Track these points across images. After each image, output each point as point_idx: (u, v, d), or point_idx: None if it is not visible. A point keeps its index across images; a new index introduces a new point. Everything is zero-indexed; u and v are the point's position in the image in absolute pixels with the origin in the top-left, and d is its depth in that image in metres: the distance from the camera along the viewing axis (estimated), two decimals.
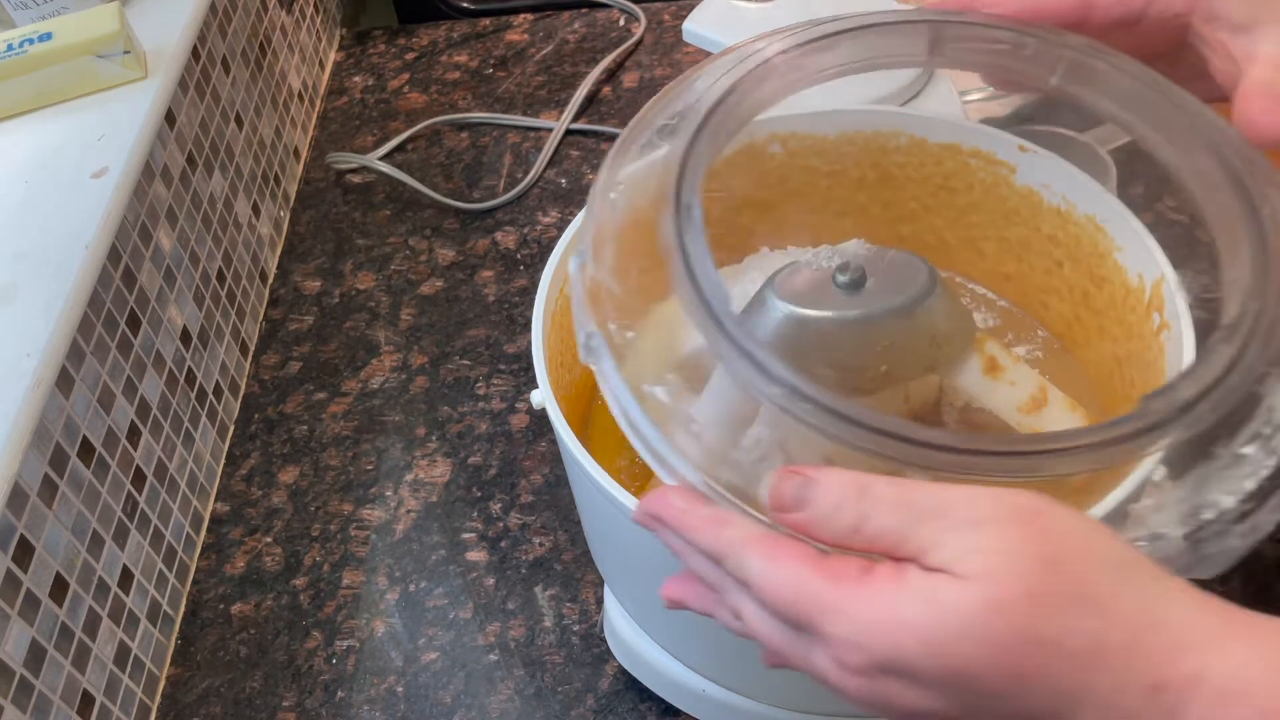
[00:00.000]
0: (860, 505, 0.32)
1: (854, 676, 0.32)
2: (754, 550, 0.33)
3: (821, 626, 0.32)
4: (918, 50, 0.46)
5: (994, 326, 0.55)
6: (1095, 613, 0.30)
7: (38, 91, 0.67)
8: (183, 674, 0.63)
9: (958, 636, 0.30)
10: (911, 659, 0.30)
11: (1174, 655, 0.29)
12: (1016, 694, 0.30)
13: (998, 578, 0.30)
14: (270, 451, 0.73)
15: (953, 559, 0.30)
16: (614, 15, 1.03)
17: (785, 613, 0.33)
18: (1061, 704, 0.30)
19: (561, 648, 0.62)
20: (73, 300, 0.56)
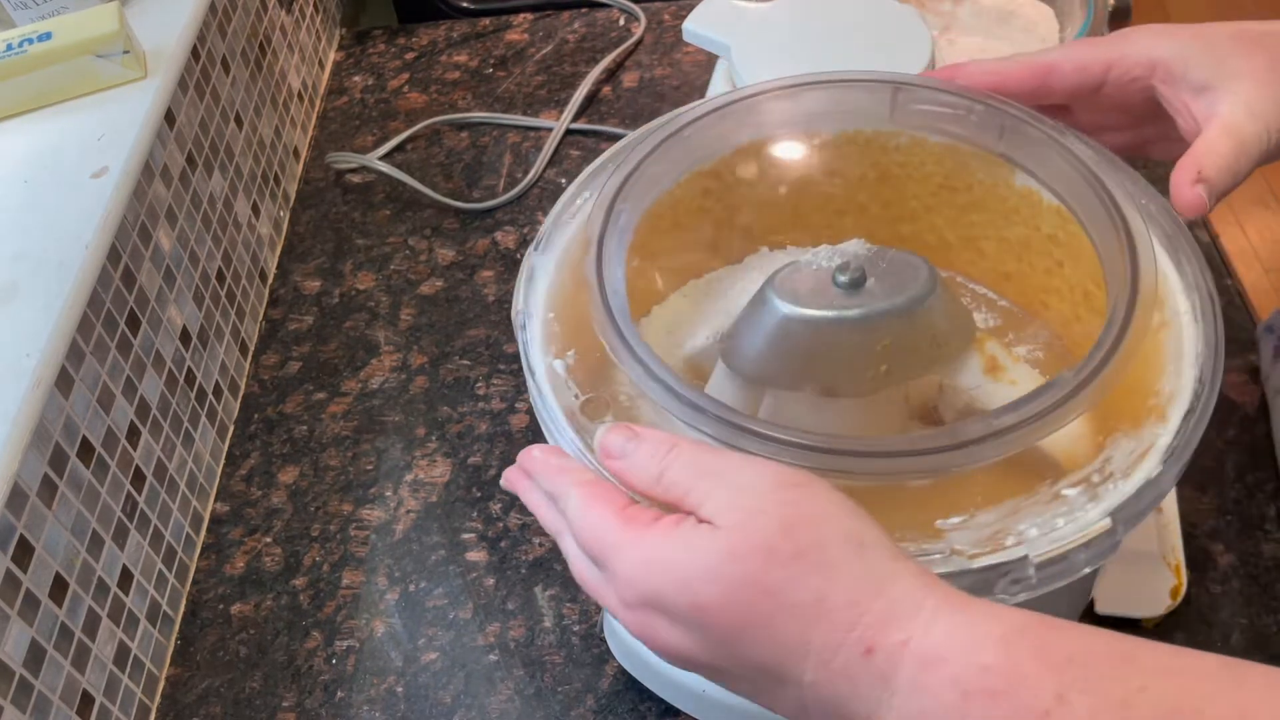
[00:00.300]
0: (665, 459, 0.37)
1: (627, 610, 0.36)
2: (576, 492, 0.38)
3: (609, 563, 0.36)
4: (882, 110, 0.51)
5: (994, 326, 0.55)
6: (820, 572, 0.33)
7: (38, 91, 0.67)
8: (182, 674, 0.63)
9: (702, 577, 0.34)
10: (667, 596, 0.34)
11: (887, 623, 0.32)
12: (747, 640, 0.34)
13: (744, 531, 0.34)
14: (270, 451, 0.73)
15: (716, 512, 0.35)
16: (614, 15, 1.03)
17: (588, 549, 0.37)
18: (785, 656, 0.33)
19: (561, 648, 0.62)
20: (72, 300, 0.56)
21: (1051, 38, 0.85)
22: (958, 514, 0.39)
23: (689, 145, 0.51)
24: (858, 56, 0.63)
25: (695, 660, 0.35)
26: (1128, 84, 0.48)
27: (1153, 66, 0.47)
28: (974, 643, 0.31)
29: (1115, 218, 0.45)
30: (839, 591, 0.33)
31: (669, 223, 0.53)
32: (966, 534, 0.38)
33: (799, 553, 0.33)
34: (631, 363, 0.41)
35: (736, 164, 0.53)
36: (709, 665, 0.35)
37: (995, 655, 0.31)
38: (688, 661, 0.36)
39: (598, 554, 0.37)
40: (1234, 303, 0.72)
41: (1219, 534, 0.61)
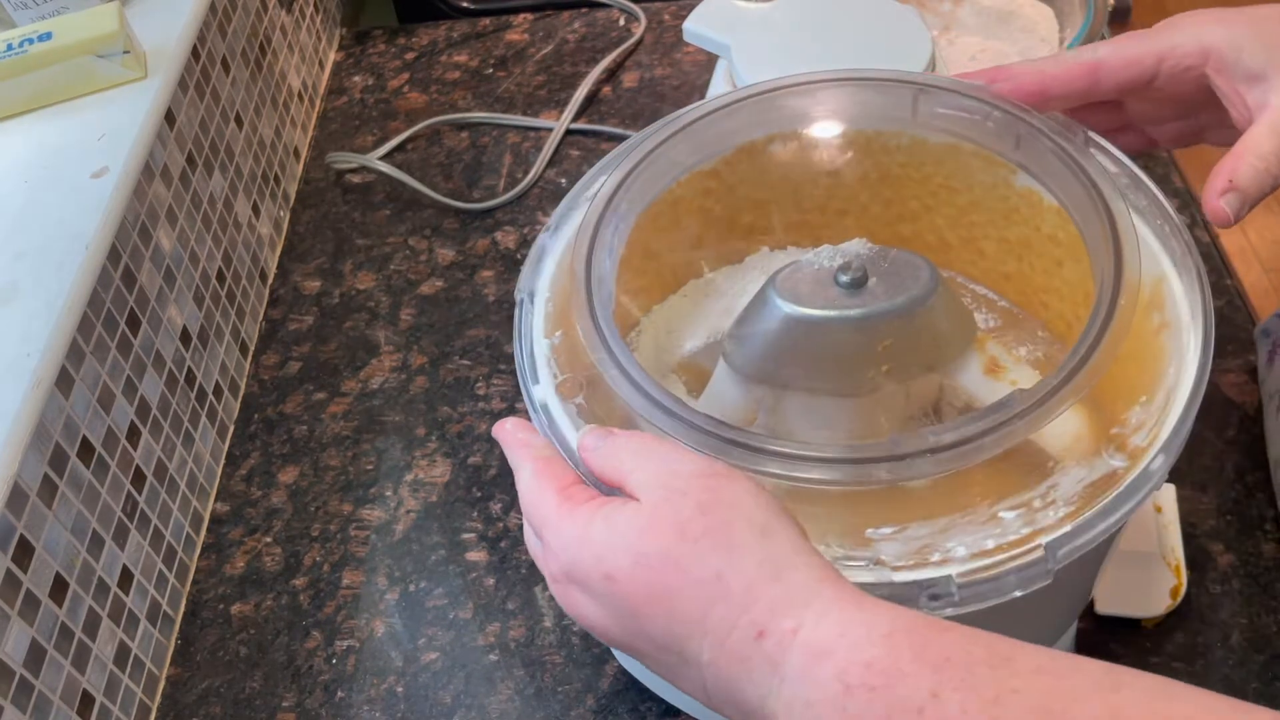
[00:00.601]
0: (620, 442, 0.39)
1: (554, 583, 0.38)
2: (529, 466, 0.40)
3: (543, 535, 0.38)
4: (904, 111, 0.51)
5: (994, 326, 0.55)
6: (722, 552, 0.34)
7: (38, 91, 0.67)
8: (183, 674, 0.63)
9: (616, 548, 0.36)
10: (584, 567, 0.36)
11: (781, 609, 0.33)
12: (651, 613, 0.35)
13: (661, 508, 0.36)
14: (270, 451, 0.73)
15: (641, 488, 0.37)
16: (614, 15, 1.03)
17: (530, 521, 0.40)
18: (684, 632, 0.34)
19: (561, 648, 0.62)
20: (72, 300, 0.56)
21: (1051, 38, 0.86)
22: (890, 525, 0.39)
23: (702, 139, 0.51)
24: (858, 56, 0.63)
25: (609, 635, 0.37)
26: (1180, 74, 0.47)
27: (1205, 55, 0.46)
28: (861, 639, 0.32)
29: (1103, 212, 0.45)
30: (737, 573, 0.34)
31: (669, 222, 0.53)
32: (895, 545, 0.39)
33: (707, 531, 0.35)
34: (597, 346, 0.43)
35: (737, 164, 0.54)
36: (622, 641, 0.37)
37: (878, 651, 0.32)
38: (603, 635, 0.37)
39: (537, 527, 0.39)
40: (1234, 303, 0.72)
41: (1219, 534, 0.61)
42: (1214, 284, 0.73)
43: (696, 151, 0.52)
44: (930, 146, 0.52)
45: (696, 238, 0.56)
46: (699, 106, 0.52)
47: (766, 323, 0.44)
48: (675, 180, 0.52)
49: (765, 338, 0.45)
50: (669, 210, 0.53)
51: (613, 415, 0.43)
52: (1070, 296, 0.52)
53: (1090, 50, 0.48)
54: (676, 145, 0.50)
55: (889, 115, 0.52)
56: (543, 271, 0.48)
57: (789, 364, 0.45)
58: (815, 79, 0.51)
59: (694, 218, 0.54)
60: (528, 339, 0.46)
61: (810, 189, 0.55)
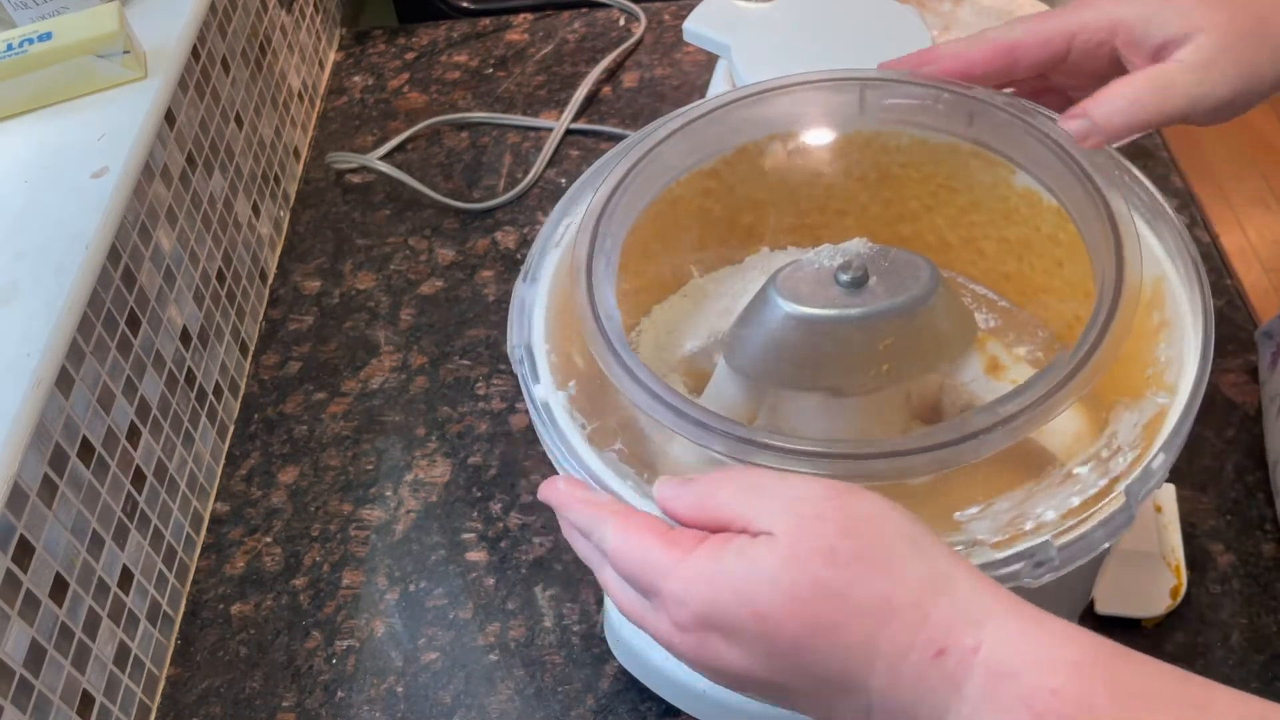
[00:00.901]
0: (708, 484, 0.37)
1: (681, 633, 0.35)
2: (612, 524, 0.37)
3: (658, 586, 0.35)
4: (851, 108, 0.51)
5: (994, 326, 0.55)
6: (883, 572, 0.32)
7: (38, 91, 0.67)
8: (183, 674, 0.63)
9: (763, 582, 0.33)
10: (725, 608, 0.34)
11: (956, 625, 0.32)
12: (812, 647, 0.33)
13: (801, 535, 0.33)
14: (270, 451, 0.73)
15: (770, 522, 0.34)
16: (614, 15, 1.03)
17: (632, 577, 0.36)
18: (853, 661, 0.32)
19: (561, 648, 0.62)
20: (72, 300, 0.56)
21: None
22: (974, 504, 0.39)
23: (664, 163, 0.50)
24: (858, 56, 0.63)
25: (754, 678, 0.34)
26: (1093, 49, 0.48)
27: (1114, 29, 0.47)
28: (1047, 663, 0.31)
29: (1090, 188, 0.45)
30: (904, 592, 0.32)
31: (669, 222, 0.53)
32: (985, 523, 0.39)
33: (859, 554, 0.33)
34: (634, 387, 0.41)
35: (737, 163, 0.53)
36: (769, 682, 0.34)
37: (1067, 680, 0.30)
38: (746, 681, 0.35)
39: (644, 581, 0.36)
40: (1234, 303, 0.72)
41: (1219, 534, 0.61)
42: (1214, 284, 0.73)
43: (654, 182, 0.51)
44: (930, 146, 0.52)
45: (696, 238, 0.55)
46: (647, 133, 0.51)
47: (767, 322, 0.44)
48: (651, 201, 0.51)
49: (765, 337, 0.45)
50: (668, 210, 0.53)
51: (662, 458, 0.42)
52: (1070, 296, 0.52)
53: (1007, 30, 0.49)
54: (635, 177, 0.49)
55: (839, 114, 0.52)
56: (530, 322, 0.47)
57: (789, 364, 0.45)
58: (763, 88, 0.51)
59: (693, 218, 0.54)
60: (541, 394, 0.44)
61: (809, 189, 0.55)
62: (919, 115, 0.51)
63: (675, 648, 0.36)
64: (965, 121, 0.50)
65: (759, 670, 0.34)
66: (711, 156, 0.52)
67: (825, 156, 0.54)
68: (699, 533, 0.36)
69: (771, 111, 0.52)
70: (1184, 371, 0.42)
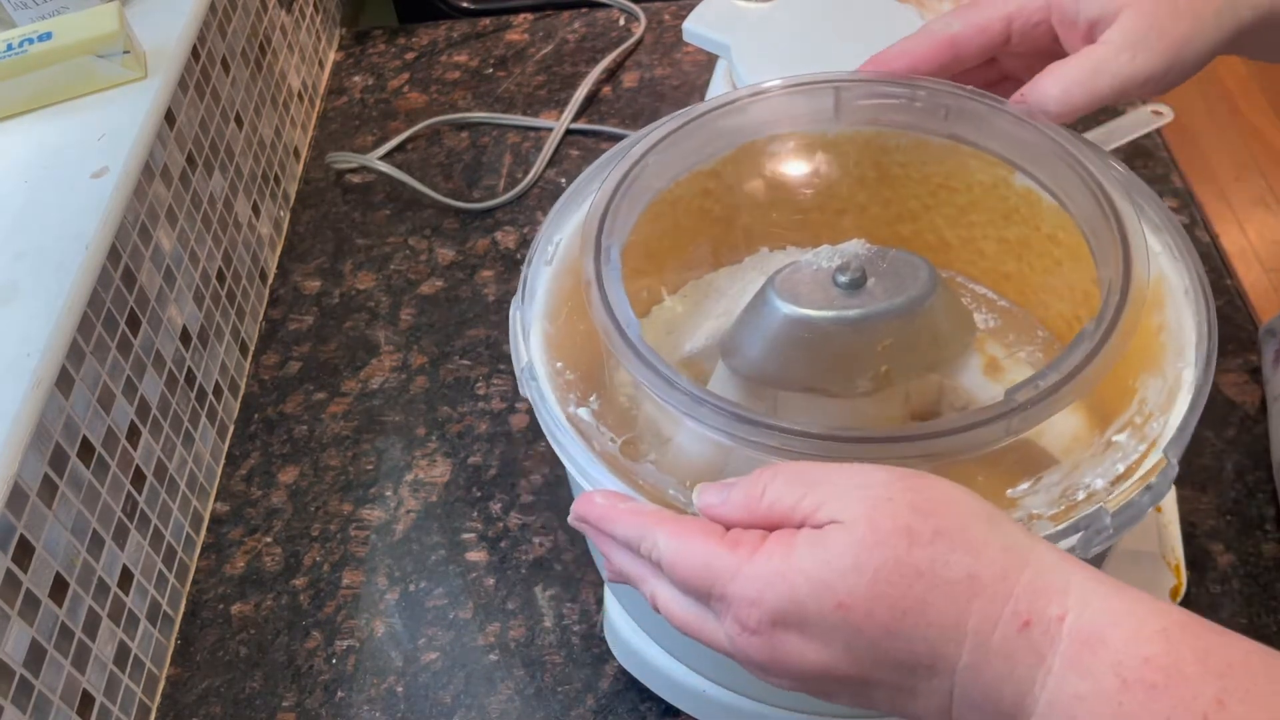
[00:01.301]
0: (759, 482, 0.35)
1: (751, 636, 0.34)
2: (664, 530, 0.36)
3: (724, 590, 0.34)
4: (825, 112, 0.52)
5: (994, 327, 0.55)
6: (966, 549, 0.32)
7: (38, 91, 0.67)
8: (182, 674, 0.63)
9: (843, 570, 0.32)
10: (803, 601, 0.32)
11: (1041, 595, 0.31)
12: (899, 630, 0.32)
13: (877, 518, 0.32)
14: (270, 451, 0.73)
15: (838, 510, 0.33)
16: (614, 15, 1.03)
17: (691, 584, 0.35)
18: (941, 640, 0.31)
19: (561, 648, 0.62)
20: (73, 300, 0.56)
21: None
22: (1024, 480, 0.40)
23: (648, 176, 0.50)
24: (857, 56, 0.63)
25: (834, 674, 0.33)
26: (1031, 30, 0.48)
27: (1049, 8, 0.48)
28: (1136, 631, 0.30)
29: (1079, 169, 0.46)
30: (987, 566, 0.31)
31: (669, 223, 0.53)
32: (1038, 497, 0.39)
33: (939, 531, 0.32)
34: (678, 396, 0.40)
35: (737, 163, 0.53)
36: (848, 677, 0.33)
37: (1157, 648, 0.30)
38: (824, 678, 0.33)
39: (705, 586, 0.34)
40: (1234, 303, 0.72)
41: (1219, 534, 0.61)
42: (1214, 284, 0.73)
43: (644, 194, 0.51)
44: (930, 146, 0.52)
45: (695, 238, 0.56)
46: (625, 148, 0.51)
47: (765, 323, 0.44)
48: (640, 214, 0.50)
49: (764, 338, 0.45)
50: (668, 211, 0.53)
51: (697, 463, 0.41)
52: (1070, 296, 0.52)
53: (945, 23, 0.49)
54: (625, 191, 0.49)
55: (814, 117, 0.52)
56: (533, 342, 0.46)
57: (788, 364, 0.45)
58: (739, 96, 0.52)
59: (693, 218, 0.54)
60: (560, 413, 0.43)
61: (809, 189, 0.55)
62: (895, 115, 0.51)
63: (743, 652, 0.34)
64: (941, 116, 0.50)
65: (840, 664, 0.33)
66: (691, 168, 0.52)
67: (824, 157, 0.54)
68: (759, 531, 0.35)
69: (750, 118, 0.52)
70: (1186, 371, 0.42)
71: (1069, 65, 0.46)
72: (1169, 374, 0.42)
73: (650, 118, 0.92)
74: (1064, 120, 0.47)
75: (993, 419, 0.38)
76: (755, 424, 0.39)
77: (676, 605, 0.36)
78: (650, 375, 0.41)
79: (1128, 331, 0.41)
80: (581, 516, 0.39)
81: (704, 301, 0.55)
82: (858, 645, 0.32)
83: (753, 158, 0.54)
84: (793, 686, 0.34)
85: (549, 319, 0.47)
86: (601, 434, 0.42)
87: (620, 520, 0.38)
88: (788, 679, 0.34)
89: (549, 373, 0.45)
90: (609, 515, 0.38)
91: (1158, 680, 0.29)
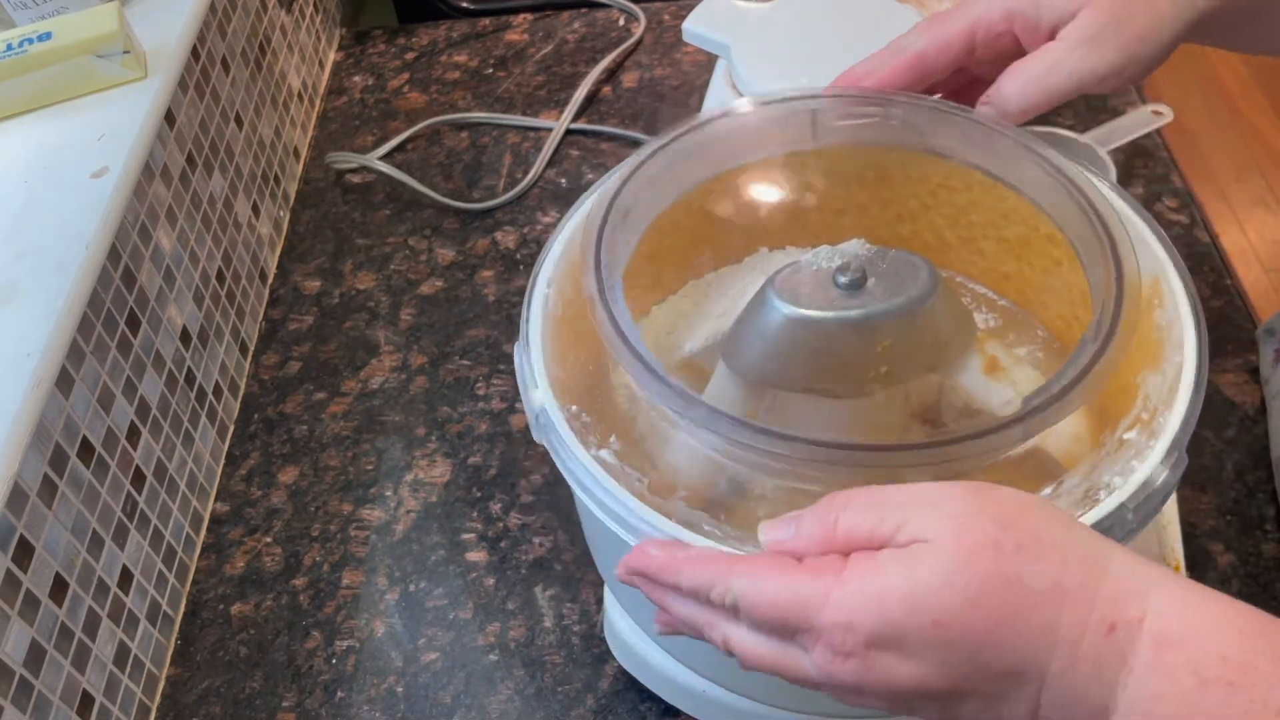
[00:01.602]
0: (831, 509, 0.35)
1: (846, 661, 0.33)
2: (737, 572, 0.35)
3: (812, 620, 0.33)
4: (804, 136, 0.52)
5: (994, 326, 0.55)
6: (1051, 557, 0.32)
7: (38, 91, 0.67)
8: (182, 674, 0.63)
9: (937, 586, 0.32)
10: (898, 620, 0.32)
11: (1122, 598, 0.32)
12: (995, 641, 0.32)
13: (962, 535, 0.33)
14: (270, 451, 0.73)
15: (921, 529, 0.33)
16: (614, 15, 1.03)
17: (773, 620, 0.34)
18: (1034, 649, 0.32)
19: (561, 648, 0.62)
20: (73, 300, 0.56)
21: None
22: (1046, 486, 0.40)
23: (633, 219, 0.50)
24: (857, 57, 0.63)
25: (928, 689, 0.33)
26: (994, 41, 0.49)
27: (1010, 18, 0.49)
28: (1211, 631, 0.31)
29: (1054, 173, 0.47)
30: (1071, 574, 0.32)
31: (669, 223, 0.53)
32: (1061, 501, 0.39)
33: (1022, 544, 0.33)
34: (724, 428, 0.39)
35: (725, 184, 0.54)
36: (942, 691, 0.33)
37: (1234, 647, 0.30)
38: (919, 694, 0.33)
39: (791, 618, 0.34)
40: (1234, 303, 0.72)
41: (1219, 534, 0.61)
42: (1214, 284, 0.73)
43: (633, 231, 0.50)
44: (913, 157, 0.52)
45: (695, 239, 0.56)
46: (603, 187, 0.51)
47: (765, 324, 0.44)
48: (631, 253, 0.50)
49: (764, 339, 0.45)
50: (668, 212, 0.53)
51: (731, 495, 0.41)
52: (1069, 296, 0.52)
53: (913, 39, 0.50)
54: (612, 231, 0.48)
55: (793, 141, 0.53)
56: (542, 387, 0.45)
57: (788, 365, 0.45)
58: (716, 115, 0.52)
59: (693, 219, 0.54)
60: (585, 456, 0.42)
61: (809, 189, 0.55)
62: (870, 132, 0.52)
63: (835, 678, 0.34)
64: (918, 133, 0.51)
65: (934, 680, 0.33)
66: (677, 196, 0.52)
67: (824, 158, 0.54)
68: (837, 557, 0.34)
69: (728, 148, 0.53)
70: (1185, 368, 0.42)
71: (1026, 64, 0.47)
72: (1168, 369, 0.42)
73: (650, 118, 0.92)
74: (1025, 118, 0.48)
75: (1007, 424, 0.38)
76: (791, 440, 0.38)
77: (753, 645, 0.36)
78: (691, 410, 0.40)
79: (1129, 329, 0.41)
80: (639, 570, 0.38)
81: (704, 302, 0.55)
82: (952, 660, 0.32)
83: (743, 175, 0.54)
84: (884, 706, 0.34)
85: (557, 363, 0.45)
86: (627, 474, 0.41)
87: (685, 569, 0.37)
88: (879, 700, 0.34)
89: (566, 416, 0.43)
90: (671, 566, 0.37)
91: (1235, 679, 0.30)
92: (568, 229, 0.50)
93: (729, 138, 0.52)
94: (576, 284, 0.46)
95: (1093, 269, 0.44)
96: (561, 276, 0.48)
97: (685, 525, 0.39)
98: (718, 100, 0.66)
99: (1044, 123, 0.86)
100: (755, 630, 0.35)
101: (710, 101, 0.67)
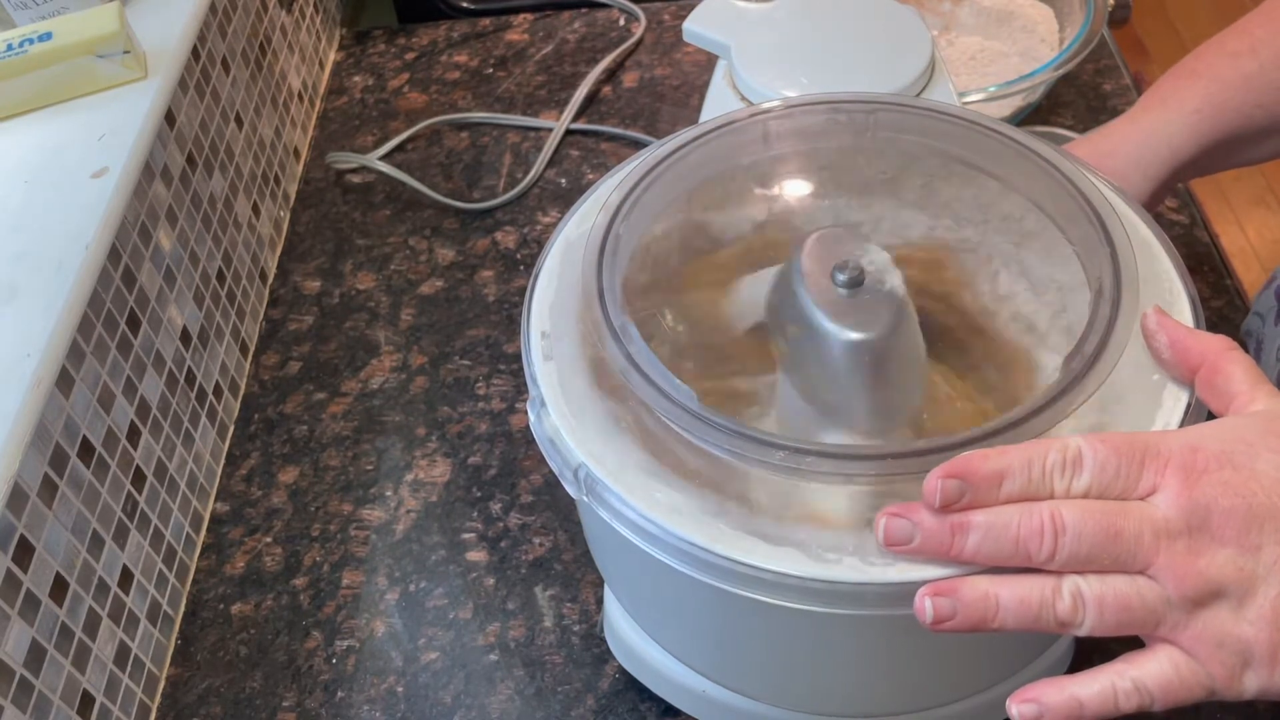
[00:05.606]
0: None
1: (1201, 478, 0.34)
2: (1073, 438, 0.36)
3: (1159, 445, 0.35)
4: (757, 146, 0.53)
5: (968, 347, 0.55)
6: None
7: (38, 91, 0.67)
8: (183, 674, 0.63)
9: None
10: (1247, 437, 0.35)
11: None
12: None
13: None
14: (270, 451, 0.73)
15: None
16: (614, 15, 1.03)
17: (1124, 443, 0.35)
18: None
19: (561, 648, 0.62)
20: (73, 300, 0.56)
21: (1051, 38, 0.85)
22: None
23: (631, 249, 0.49)
24: (858, 57, 0.63)
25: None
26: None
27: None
28: None
29: (1065, 183, 0.47)
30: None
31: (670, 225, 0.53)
32: None
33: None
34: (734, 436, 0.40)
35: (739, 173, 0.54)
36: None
37: None
38: (1268, 512, 0.34)
39: (1138, 441, 0.35)
40: (1233, 303, 0.72)
41: None
42: (1214, 284, 0.73)
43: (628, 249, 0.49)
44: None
45: (696, 239, 0.55)
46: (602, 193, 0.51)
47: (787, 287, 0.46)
48: (627, 266, 0.49)
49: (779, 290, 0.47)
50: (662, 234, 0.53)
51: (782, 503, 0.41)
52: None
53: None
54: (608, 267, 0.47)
55: (845, 142, 0.53)
56: (569, 445, 0.43)
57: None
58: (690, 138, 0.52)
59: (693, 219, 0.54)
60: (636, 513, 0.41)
61: (809, 190, 0.55)
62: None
63: (1192, 499, 0.34)
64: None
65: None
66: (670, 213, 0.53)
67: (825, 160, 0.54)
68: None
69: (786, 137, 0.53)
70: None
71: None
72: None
73: (650, 118, 0.92)
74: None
75: (1051, 401, 0.39)
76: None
77: (1084, 507, 0.35)
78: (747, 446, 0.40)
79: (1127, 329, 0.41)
80: (960, 472, 0.36)
81: (707, 301, 0.54)
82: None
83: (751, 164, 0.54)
84: (1228, 533, 0.34)
85: (567, 403, 0.44)
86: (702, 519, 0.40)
87: (1009, 450, 0.36)
88: (1229, 522, 0.34)
89: (607, 472, 0.42)
90: (994, 452, 0.36)
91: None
92: (547, 266, 0.50)
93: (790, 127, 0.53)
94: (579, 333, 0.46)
95: (1091, 269, 0.44)
96: (558, 323, 0.47)
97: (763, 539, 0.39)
98: (718, 100, 0.66)
99: (1044, 123, 0.86)
100: (1095, 477, 0.35)
101: (710, 102, 0.67)
